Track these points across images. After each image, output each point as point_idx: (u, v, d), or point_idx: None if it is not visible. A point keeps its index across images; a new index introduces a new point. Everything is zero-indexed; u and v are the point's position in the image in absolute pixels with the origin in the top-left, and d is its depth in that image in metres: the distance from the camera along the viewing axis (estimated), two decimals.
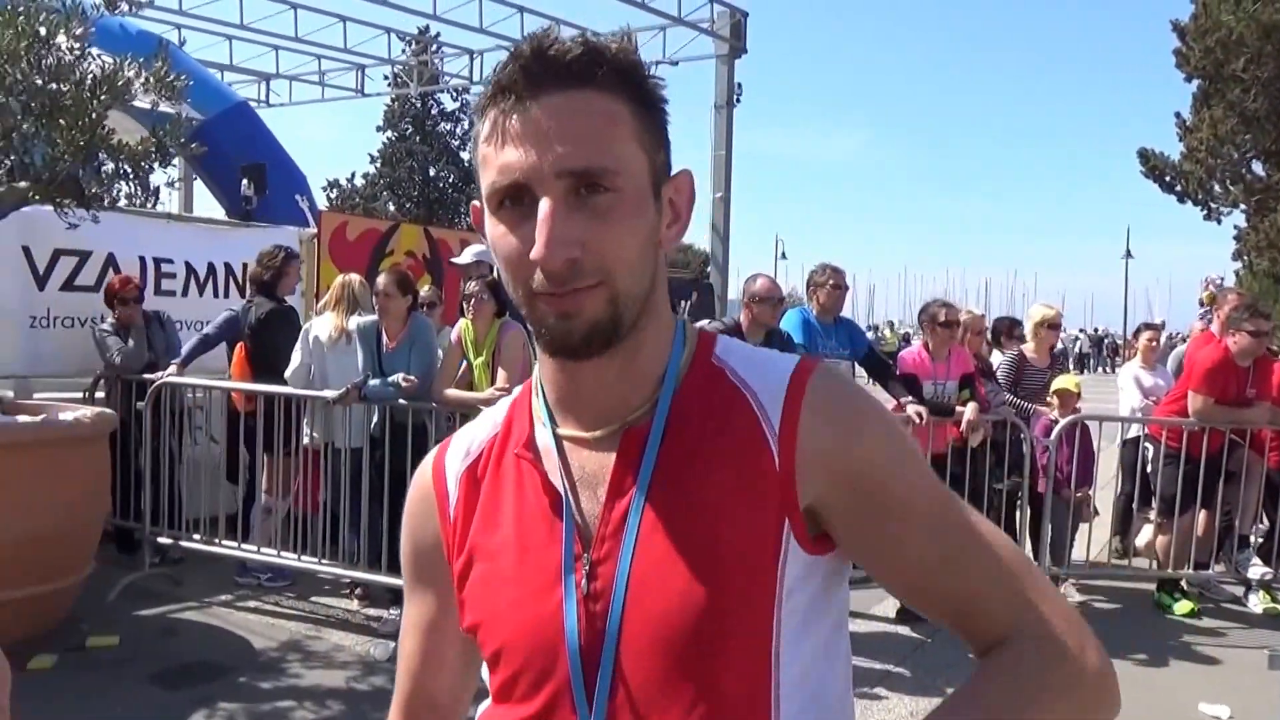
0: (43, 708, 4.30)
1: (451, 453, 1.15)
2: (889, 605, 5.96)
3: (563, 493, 1.03)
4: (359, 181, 43.27)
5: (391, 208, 40.99)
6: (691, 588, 0.95)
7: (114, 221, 6.91)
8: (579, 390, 1.04)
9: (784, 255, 49.02)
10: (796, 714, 0.99)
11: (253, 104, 16.13)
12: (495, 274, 7.34)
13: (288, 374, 5.96)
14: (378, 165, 43.24)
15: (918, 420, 5.68)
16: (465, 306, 5.83)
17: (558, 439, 1.05)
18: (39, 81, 4.32)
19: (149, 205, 5.38)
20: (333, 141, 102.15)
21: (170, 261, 7.70)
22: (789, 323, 5.93)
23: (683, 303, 12.66)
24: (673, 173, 1.03)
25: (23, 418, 5.15)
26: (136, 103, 5.31)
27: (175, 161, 9.47)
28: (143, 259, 7.49)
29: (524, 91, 0.94)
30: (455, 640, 1.15)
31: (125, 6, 4.51)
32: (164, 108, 5.29)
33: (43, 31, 4.23)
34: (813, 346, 5.84)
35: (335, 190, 42.56)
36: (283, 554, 5.91)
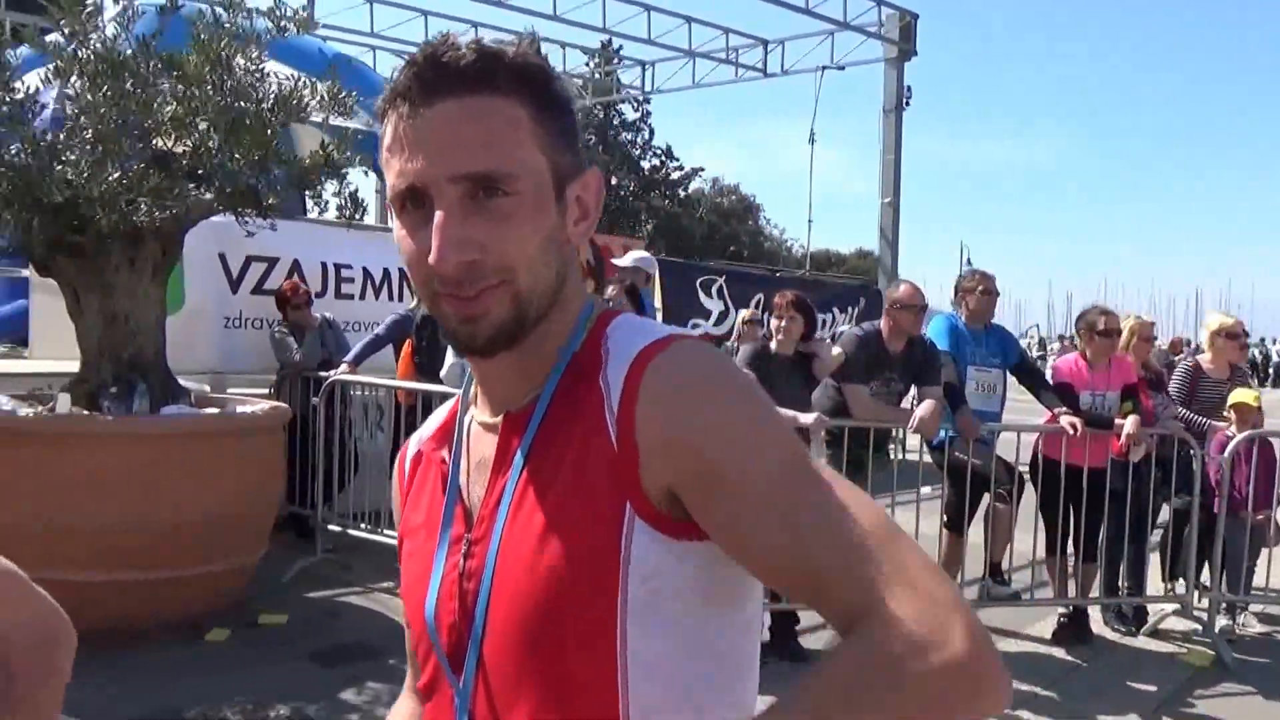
0: (214, 675, 4.68)
1: (413, 439, 1.23)
2: (1045, 625, 5.74)
3: (449, 476, 1.10)
4: None
5: None
6: (540, 566, 0.98)
7: (299, 230, 7.42)
8: (485, 378, 1.09)
9: (969, 262, 47.24)
10: (649, 701, 0.99)
11: None
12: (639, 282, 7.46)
13: (443, 373, 6.24)
14: None
15: (1072, 431, 5.42)
16: None
17: (470, 424, 1.12)
18: (222, 101, 4.71)
19: (358, 217, 5.80)
20: None
21: (349, 267, 8.17)
22: (935, 329, 5.79)
23: (849, 308, 12.47)
24: (583, 171, 1.04)
25: (208, 410, 5.61)
26: (315, 119, 5.71)
27: (368, 173, 10.11)
28: (324, 264, 7.99)
29: (418, 98, 0.97)
30: None
31: (293, 29, 4.87)
32: (336, 122, 5.68)
33: (224, 56, 4.62)
34: (960, 354, 5.69)
35: None
36: None
